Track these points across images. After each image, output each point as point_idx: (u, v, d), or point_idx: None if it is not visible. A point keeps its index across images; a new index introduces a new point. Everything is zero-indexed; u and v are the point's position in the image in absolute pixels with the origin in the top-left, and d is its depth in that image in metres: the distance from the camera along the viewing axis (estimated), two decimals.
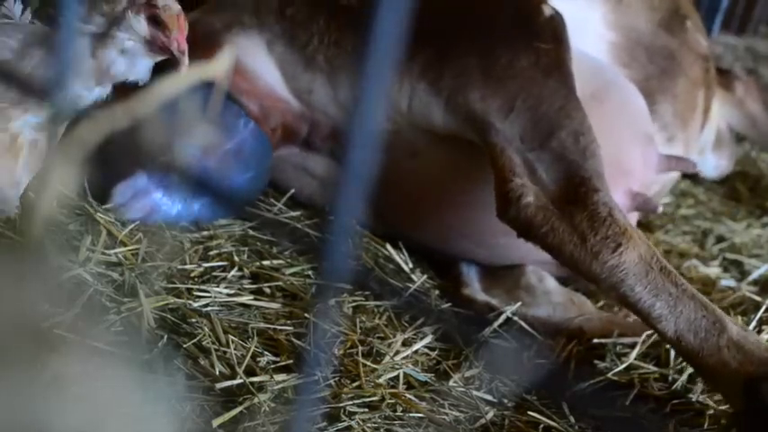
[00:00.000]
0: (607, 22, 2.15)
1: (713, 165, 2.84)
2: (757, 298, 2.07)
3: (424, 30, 1.83)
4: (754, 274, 2.27)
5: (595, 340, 1.80)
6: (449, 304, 1.91)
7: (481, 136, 1.76)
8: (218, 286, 1.71)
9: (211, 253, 1.82)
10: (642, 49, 2.21)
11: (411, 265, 1.98)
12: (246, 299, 1.71)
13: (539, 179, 1.68)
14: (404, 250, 2.02)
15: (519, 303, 1.86)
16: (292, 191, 2.07)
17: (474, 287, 1.97)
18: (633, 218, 2.05)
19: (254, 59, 1.92)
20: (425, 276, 1.96)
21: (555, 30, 1.85)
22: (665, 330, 1.56)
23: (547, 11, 1.87)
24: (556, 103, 1.74)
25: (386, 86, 0.51)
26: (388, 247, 2.01)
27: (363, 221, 2.03)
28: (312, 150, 2.01)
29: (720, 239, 2.51)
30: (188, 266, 1.75)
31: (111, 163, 1.63)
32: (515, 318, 1.82)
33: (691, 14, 2.43)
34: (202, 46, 1.87)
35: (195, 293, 1.68)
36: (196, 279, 1.73)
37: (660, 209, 2.08)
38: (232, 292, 1.72)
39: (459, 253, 2.02)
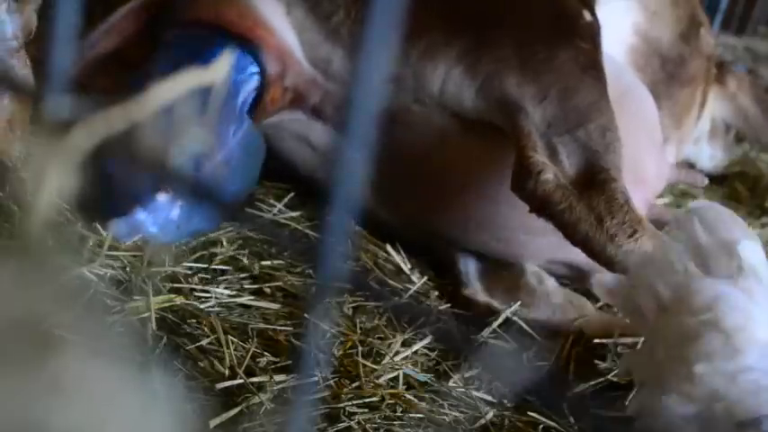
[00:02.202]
0: (636, 29, 2.17)
1: (709, 155, 2.86)
2: None
3: (464, 17, 1.83)
4: None
5: (596, 340, 1.80)
6: (448, 305, 1.91)
7: (510, 119, 1.76)
8: (218, 287, 1.72)
9: (212, 254, 1.82)
10: (658, 56, 2.23)
11: (410, 266, 1.98)
12: (246, 299, 1.71)
13: (559, 162, 1.69)
14: (402, 251, 2.02)
15: (518, 303, 1.86)
16: (291, 194, 2.06)
17: (474, 288, 1.97)
18: None
19: (274, 18, 1.89)
20: (425, 278, 1.96)
21: (593, 34, 1.87)
22: None
23: (587, 16, 1.89)
24: (588, 98, 1.76)
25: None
26: (388, 247, 2.01)
27: (367, 203, 2.02)
28: (319, 118, 1.99)
29: None
30: (188, 268, 1.75)
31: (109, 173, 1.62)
32: (515, 318, 1.82)
33: (704, 19, 2.46)
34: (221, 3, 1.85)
35: (196, 294, 1.68)
36: (197, 280, 1.73)
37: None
38: (232, 293, 1.72)
39: (474, 245, 2.01)
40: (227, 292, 1.71)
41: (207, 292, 1.69)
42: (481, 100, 1.82)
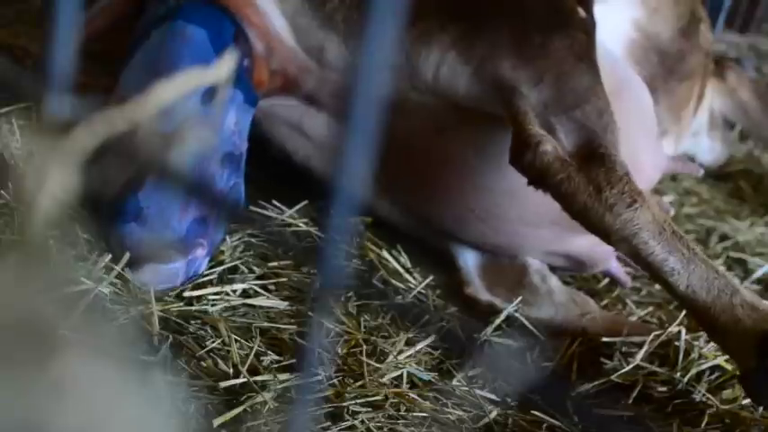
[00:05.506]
0: (636, 25, 2.17)
1: (708, 147, 2.86)
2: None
3: (460, 3, 1.82)
4: (758, 273, 2.27)
5: (604, 339, 1.80)
6: (451, 304, 1.91)
7: (504, 100, 1.75)
8: (222, 286, 1.72)
9: (219, 255, 1.82)
10: (657, 52, 2.23)
11: (410, 266, 1.98)
12: (250, 299, 1.71)
13: (558, 139, 1.68)
14: (402, 253, 2.01)
15: (519, 298, 1.86)
16: (304, 202, 2.05)
17: (476, 286, 1.97)
18: None
19: (265, 2, 1.89)
20: (431, 277, 1.95)
21: (587, 28, 1.86)
22: (676, 284, 1.57)
23: (582, 13, 1.88)
24: (584, 83, 1.75)
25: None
26: (384, 253, 1.99)
27: (367, 196, 2.01)
28: (314, 105, 1.98)
29: (724, 238, 2.51)
30: None
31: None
32: (517, 315, 1.82)
33: (703, 16, 2.46)
34: None
35: (199, 294, 1.68)
36: (200, 279, 1.73)
37: (672, 212, 2.07)
38: (236, 292, 1.72)
39: (473, 237, 2.00)
40: (230, 290, 1.71)
41: (210, 291, 1.69)
42: (475, 85, 1.80)
